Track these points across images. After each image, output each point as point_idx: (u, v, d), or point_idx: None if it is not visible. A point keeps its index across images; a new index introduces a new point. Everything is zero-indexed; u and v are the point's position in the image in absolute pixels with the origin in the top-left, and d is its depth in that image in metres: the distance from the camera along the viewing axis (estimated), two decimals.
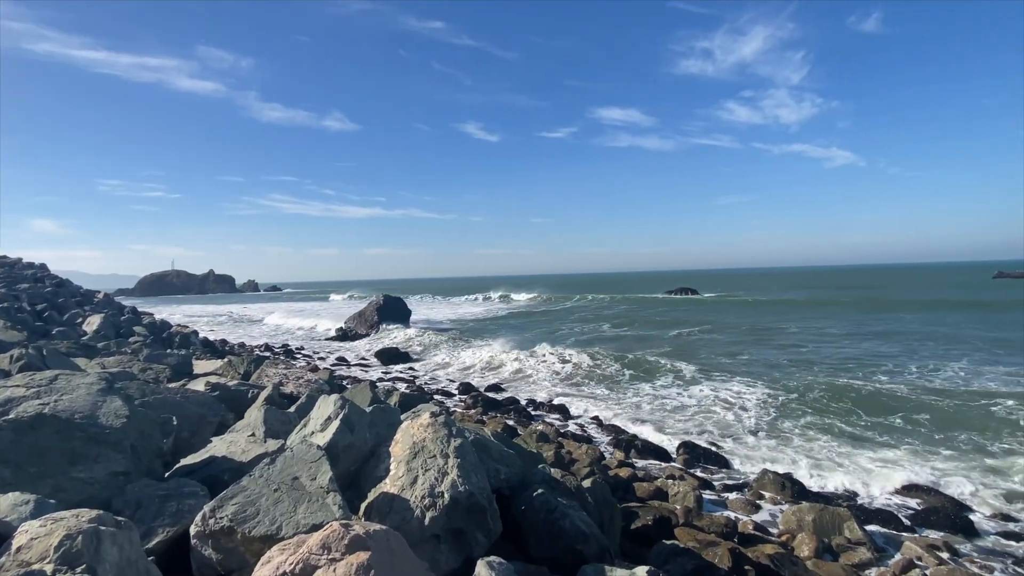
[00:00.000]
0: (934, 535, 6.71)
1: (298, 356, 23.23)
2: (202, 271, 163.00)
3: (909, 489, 7.94)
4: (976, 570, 5.86)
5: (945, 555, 6.14)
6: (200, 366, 10.85)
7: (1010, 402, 11.49)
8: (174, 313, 51.27)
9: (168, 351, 11.29)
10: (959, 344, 19.92)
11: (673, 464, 9.26)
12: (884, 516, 7.12)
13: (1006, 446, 9.22)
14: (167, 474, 3.64)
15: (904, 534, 6.73)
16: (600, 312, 39.40)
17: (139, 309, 29.59)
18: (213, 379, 7.95)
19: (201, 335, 26.10)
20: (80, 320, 15.48)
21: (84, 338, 12.40)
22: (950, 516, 6.99)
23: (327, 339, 30.16)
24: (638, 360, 18.35)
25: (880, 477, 8.40)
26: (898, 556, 6.15)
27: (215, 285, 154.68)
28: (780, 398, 13.03)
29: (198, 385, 6.91)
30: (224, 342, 27.35)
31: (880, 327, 25.97)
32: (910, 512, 7.29)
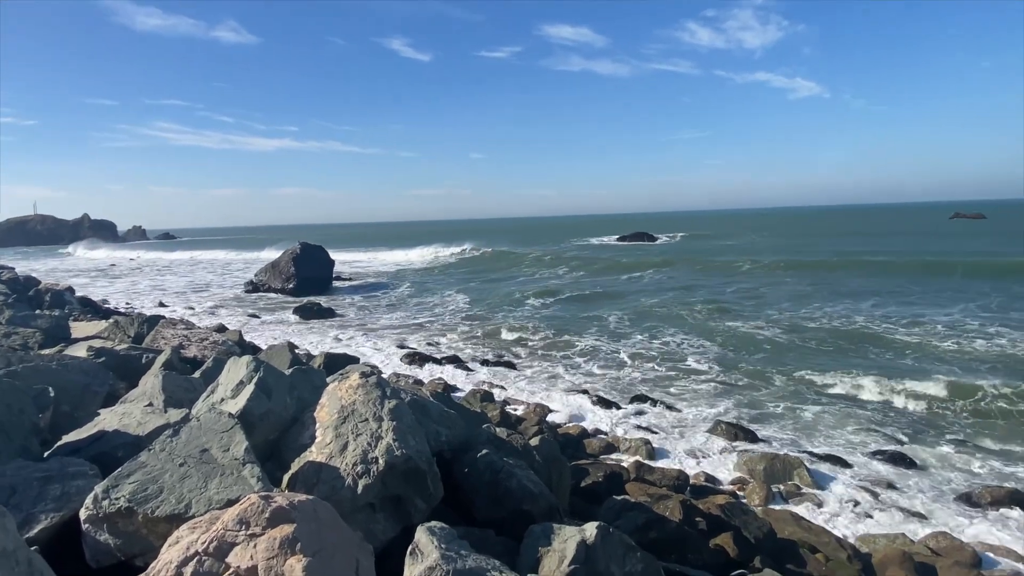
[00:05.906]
0: (879, 469, 7.57)
1: (200, 315, 22.27)
2: (74, 215, 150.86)
3: (855, 431, 8.83)
4: (910, 502, 6.70)
5: (885, 491, 6.97)
6: (79, 328, 10.21)
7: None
8: (41, 267, 47.58)
9: (37, 312, 10.54)
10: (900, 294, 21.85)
11: (624, 416, 9.73)
12: (832, 460, 7.89)
13: (938, 382, 10.30)
14: (46, 453, 3.48)
15: (849, 473, 7.52)
16: (555, 263, 39.85)
17: None
18: (97, 343, 7.52)
19: (78, 292, 24.44)
20: None
21: None
22: (892, 455, 7.89)
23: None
24: (588, 311, 18.87)
25: (829, 421, 9.27)
26: (843, 495, 6.92)
27: (91, 232, 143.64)
28: (733, 349, 13.92)
29: (79, 351, 6.54)
30: (105, 301, 25.77)
31: (836, 281, 27.86)
32: (857, 453, 8.14)
